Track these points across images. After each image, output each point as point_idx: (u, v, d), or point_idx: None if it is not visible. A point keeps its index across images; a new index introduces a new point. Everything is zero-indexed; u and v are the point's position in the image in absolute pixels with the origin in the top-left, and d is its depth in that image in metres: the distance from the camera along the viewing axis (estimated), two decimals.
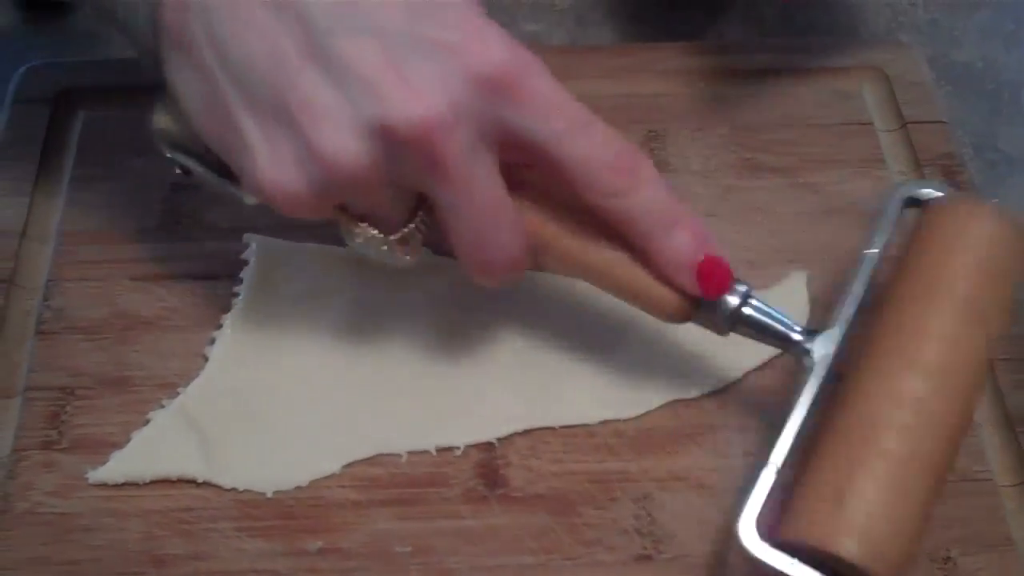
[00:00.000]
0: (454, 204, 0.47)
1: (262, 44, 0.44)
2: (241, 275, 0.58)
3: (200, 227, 0.60)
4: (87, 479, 0.52)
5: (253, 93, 0.45)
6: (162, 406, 0.54)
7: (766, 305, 0.50)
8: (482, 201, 0.47)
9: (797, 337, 0.50)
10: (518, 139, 0.46)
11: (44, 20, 0.70)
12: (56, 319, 0.57)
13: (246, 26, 0.44)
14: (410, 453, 0.53)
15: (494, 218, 0.47)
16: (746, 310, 0.49)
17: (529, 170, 0.49)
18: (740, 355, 0.56)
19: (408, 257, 0.50)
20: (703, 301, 0.49)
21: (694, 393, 0.55)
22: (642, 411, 0.54)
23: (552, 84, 0.46)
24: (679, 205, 0.48)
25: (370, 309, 0.57)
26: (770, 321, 0.50)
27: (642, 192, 0.47)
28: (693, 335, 0.54)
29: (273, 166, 0.45)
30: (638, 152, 0.47)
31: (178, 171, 0.52)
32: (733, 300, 0.49)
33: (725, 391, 0.55)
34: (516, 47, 0.46)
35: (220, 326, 0.56)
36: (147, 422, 0.54)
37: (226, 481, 0.52)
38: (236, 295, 0.57)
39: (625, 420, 0.54)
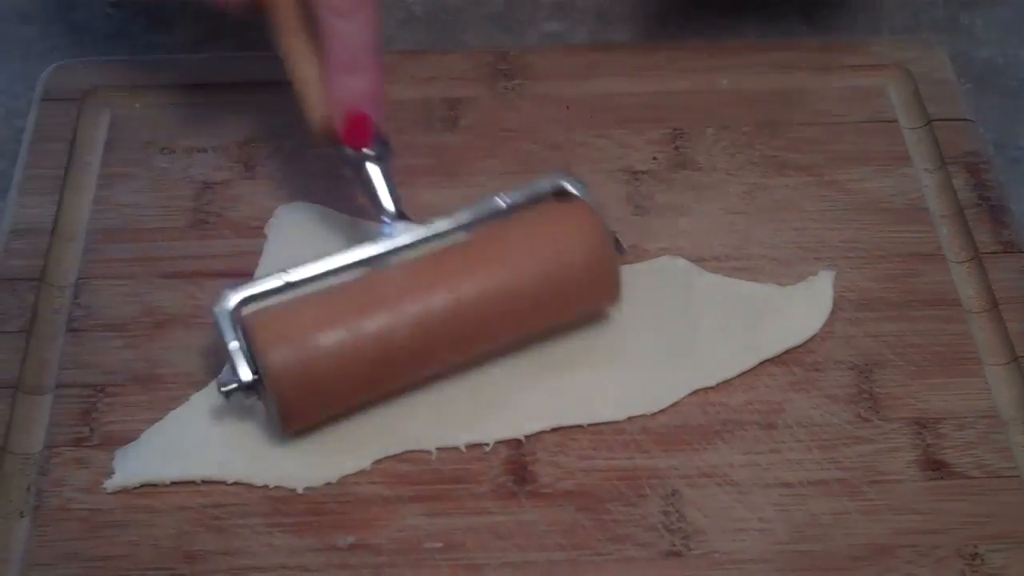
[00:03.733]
0: None
1: None
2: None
3: (228, 224, 0.61)
4: (105, 489, 0.52)
5: None
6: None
7: (385, 177, 0.54)
8: None
9: (387, 212, 0.54)
10: None
11: None
12: (86, 316, 0.57)
13: None
14: (439, 450, 0.53)
15: None
16: (361, 168, 0.54)
17: None
18: (758, 343, 0.56)
19: None
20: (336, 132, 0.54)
21: (714, 381, 0.55)
22: (668, 403, 0.55)
23: None
24: (375, 55, 0.53)
25: None
26: (369, 188, 0.55)
27: (353, 24, 0.52)
28: (706, 327, 0.56)
29: None
30: None
31: None
32: (353, 153, 0.54)
33: (752, 389, 0.55)
34: None
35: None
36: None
37: (256, 478, 0.52)
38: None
39: (653, 415, 0.54)
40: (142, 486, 0.52)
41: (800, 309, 0.58)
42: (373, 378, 0.52)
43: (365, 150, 0.54)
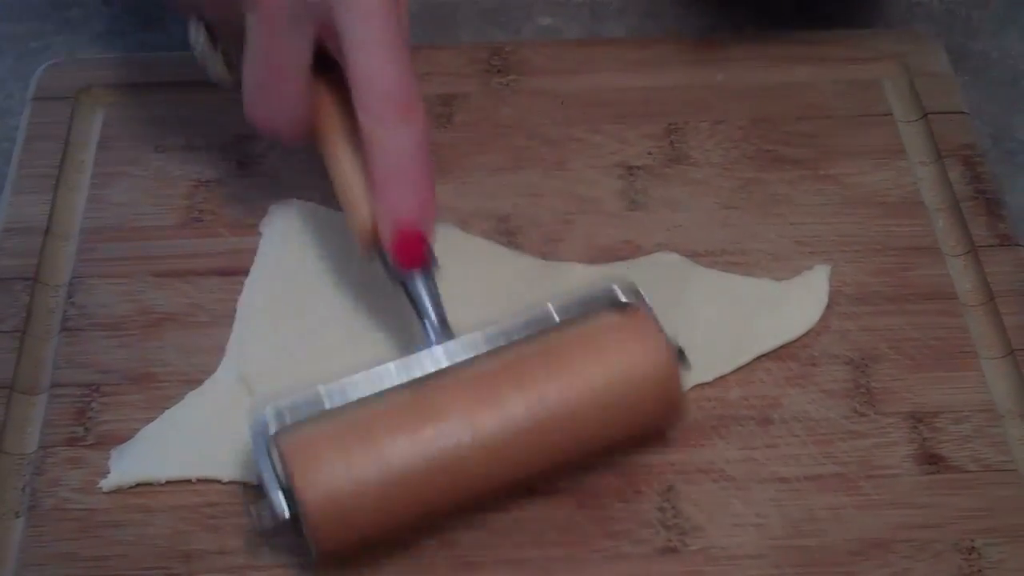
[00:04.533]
0: (253, 45, 0.50)
1: None
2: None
3: (222, 223, 0.61)
4: (100, 488, 0.52)
5: None
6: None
7: (430, 294, 0.51)
8: (277, 59, 0.50)
9: (435, 329, 0.50)
10: (334, 30, 0.48)
11: None
12: (80, 316, 0.57)
13: None
14: None
15: (279, 79, 0.51)
16: (409, 285, 0.51)
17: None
18: (754, 338, 0.56)
19: (220, 71, 0.56)
20: (381, 249, 0.51)
21: (711, 376, 0.55)
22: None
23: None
24: (426, 169, 0.50)
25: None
26: (422, 305, 0.51)
27: (399, 134, 0.49)
28: (701, 322, 0.56)
29: None
30: (419, 100, 0.49)
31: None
32: (398, 272, 0.51)
33: (748, 384, 0.55)
34: None
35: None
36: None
37: (252, 477, 0.52)
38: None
39: None
40: (137, 485, 0.52)
41: (796, 304, 0.58)
42: (416, 513, 0.48)
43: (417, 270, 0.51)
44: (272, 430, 0.48)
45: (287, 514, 0.47)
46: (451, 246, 0.58)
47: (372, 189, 0.50)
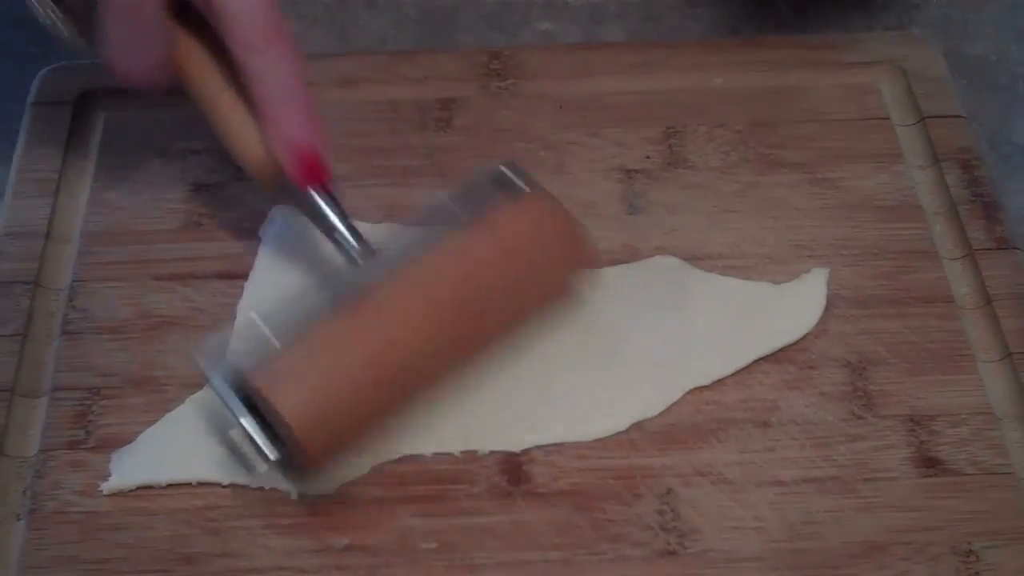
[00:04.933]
0: None
1: None
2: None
3: (222, 226, 0.61)
4: (101, 491, 0.52)
5: None
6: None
7: (335, 208, 0.52)
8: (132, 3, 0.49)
9: (353, 247, 0.52)
10: None
11: None
12: (81, 319, 0.57)
13: None
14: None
15: (136, 23, 0.50)
16: (313, 203, 0.52)
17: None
18: (752, 341, 0.57)
19: (63, 30, 0.54)
20: (282, 175, 0.52)
21: (709, 380, 0.56)
22: (666, 405, 0.55)
23: None
24: (305, 88, 0.51)
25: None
26: (330, 220, 0.52)
27: (278, 62, 0.50)
28: (700, 326, 0.56)
29: None
30: (286, 26, 0.50)
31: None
32: (307, 192, 0.52)
33: (746, 387, 0.55)
34: None
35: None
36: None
37: (252, 480, 0.52)
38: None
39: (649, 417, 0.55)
40: (138, 488, 0.52)
41: (794, 306, 0.58)
42: (387, 403, 0.51)
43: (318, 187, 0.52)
44: (239, 377, 0.50)
45: (276, 455, 0.49)
46: None
47: (260, 118, 0.51)
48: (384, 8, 0.74)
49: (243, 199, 0.62)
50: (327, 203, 0.53)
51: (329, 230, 0.53)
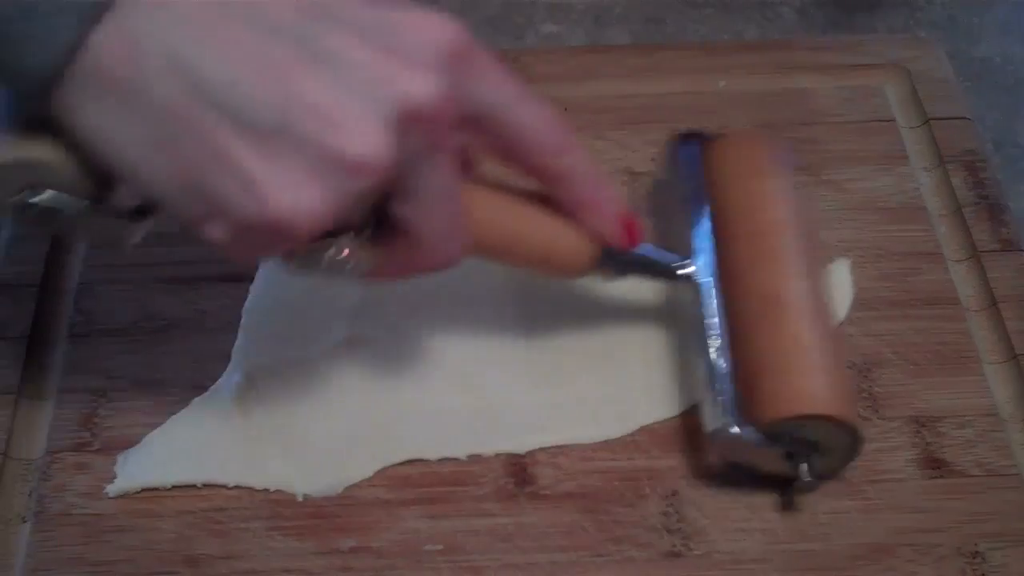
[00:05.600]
0: (434, 189, 0.45)
1: (247, 60, 0.40)
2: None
3: None
4: (107, 493, 0.52)
5: (242, 117, 0.40)
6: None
7: (651, 249, 0.54)
8: (451, 190, 0.46)
9: (683, 270, 0.54)
10: (475, 110, 0.46)
11: None
12: (87, 322, 0.58)
13: (225, 45, 0.40)
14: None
15: (455, 208, 0.47)
16: (645, 258, 0.54)
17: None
18: None
19: (357, 269, 0.47)
20: (604, 253, 0.52)
21: None
22: (678, 411, 0.55)
23: (490, 53, 0.47)
24: (599, 166, 0.52)
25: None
26: (658, 260, 0.54)
27: (577, 152, 0.50)
28: None
29: (286, 190, 0.40)
30: (563, 117, 0.50)
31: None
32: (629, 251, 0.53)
33: None
34: (451, 18, 0.45)
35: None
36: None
37: (257, 482, 0.53)
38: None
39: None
40: (143, 491, 0.52)
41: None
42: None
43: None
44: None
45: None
46: None
47: (577, 209, 0.51)
48: None
49: None
50: (652, 251, 0.54)
51: (660, 274, 0.54)
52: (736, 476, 0.53)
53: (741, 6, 0.75)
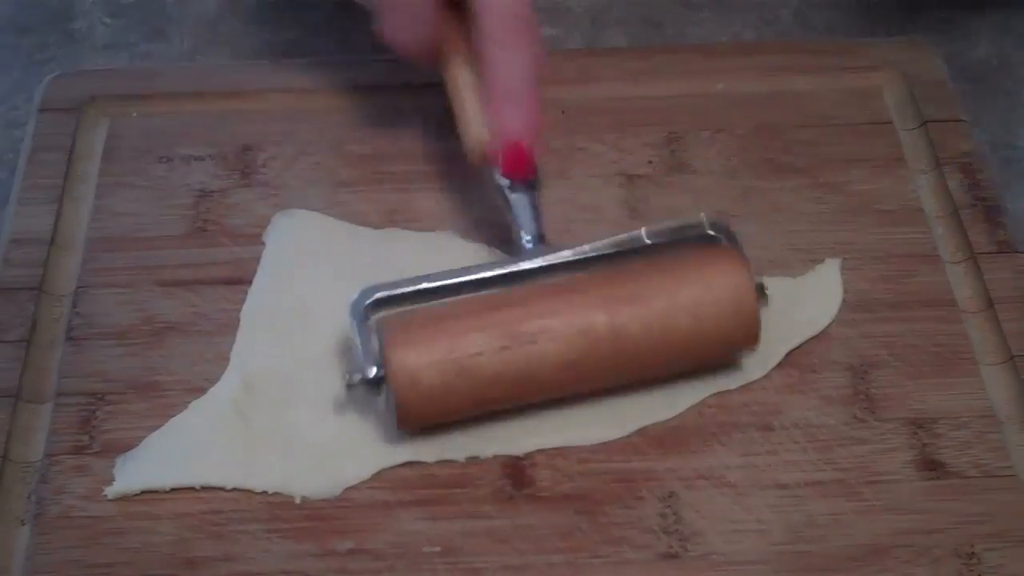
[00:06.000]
0: None
1: None
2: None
3: (226, 233, 0.61)
4: (106, 496, 0.52)
5: None
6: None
7: (533, 206, 0.56)
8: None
9: (531, 234, 0.56)
10: None
11: None
12: (86, 325, 0.58)
13: None
14: None
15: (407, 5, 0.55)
16: (512, 195, 0.56)
17: None
18: (779, 338, 0.57)
19: None
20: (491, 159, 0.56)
21: (736, 384, 0.56)
22: (682, 409, 0.55)
23: None
24: (534, 88, 0.54)
25: None
26: (518, 214, 0.56)
27: (519, 54, 0.53)
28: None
29: None
30: (534, 26, 0.53)
31: None
32: (504, 181, 0.56)
33: (748, 390, 0.56)
34: None
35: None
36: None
37: (256, 485, 0.53)
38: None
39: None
40: (142, 493, 0.52)
41: (814, 297, 0.58)
42: (493, 395, 0.52)
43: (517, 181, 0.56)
44: (369, 305, 0.53)
45: (373, 374, 0.51)
46: (449, 253, 0.59)
47: (487, 107, 0.55)
48: None
49: (246, 205, 0.62)
50: (520, 198, 0.56)
51: (519, 224, 0.56)
52: (733, 478, 0.53)
53: (739, 8, 0.75)
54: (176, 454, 0.53)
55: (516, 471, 0.53)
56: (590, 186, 0.63)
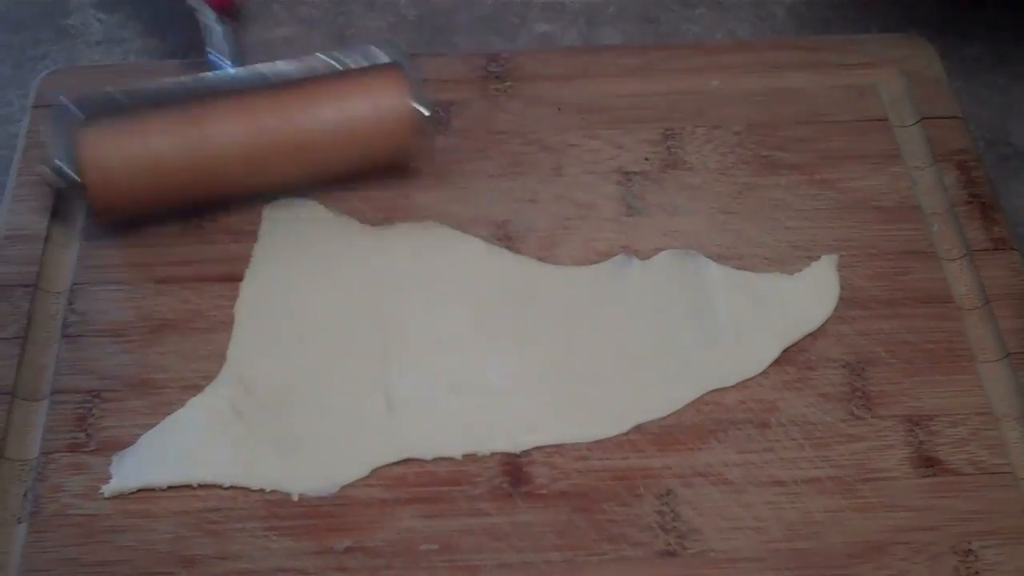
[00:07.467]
0: None
1: None
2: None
3: (222, 230, 0.61)
4: (102, 494, 0.52)
5: None
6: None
7: (229, 35, 0.64)
8: None
9: (225, 64, 0.63)
10: None
11: None
12: (81, 322, 0.57)
13: None
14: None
15: None
16: (211, 25, 0.64)
17: None
18: (777, 334, 0.57)
19: None
20: None
21: (733, 381, 0.56)
22: (679, 406, 0.55)
23: None
24: None
25: (394, 303, 0.58)
26: (214, 40, 0.64)
27: None
28: (728, 322, 0.57)
29: None
30: None
31: None
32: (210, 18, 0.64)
33: (745, 388, 0.56)
34: None
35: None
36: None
37: (253, 482, 0.53)
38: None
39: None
40: (139, 491, 0.52)
41: (811, 294, 0.59)
42: (178, 194, 0.60)
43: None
44: (70, 115, 0.59)
45: (65, 171, 0.58)
46: (448, 246, 0.59)
47: None
48: (382, 10, 0.74)
49: (242, 203, 0.62)
50: (222, 28, 0.64)
51: (209, 38, 0.64)
52: (730, 475, 0.53)
53: (734, 5, 0.75)
54: (173, 452, 0.53)
55: (514, 469, 0.53)
56: (586, 183, 0.63)
